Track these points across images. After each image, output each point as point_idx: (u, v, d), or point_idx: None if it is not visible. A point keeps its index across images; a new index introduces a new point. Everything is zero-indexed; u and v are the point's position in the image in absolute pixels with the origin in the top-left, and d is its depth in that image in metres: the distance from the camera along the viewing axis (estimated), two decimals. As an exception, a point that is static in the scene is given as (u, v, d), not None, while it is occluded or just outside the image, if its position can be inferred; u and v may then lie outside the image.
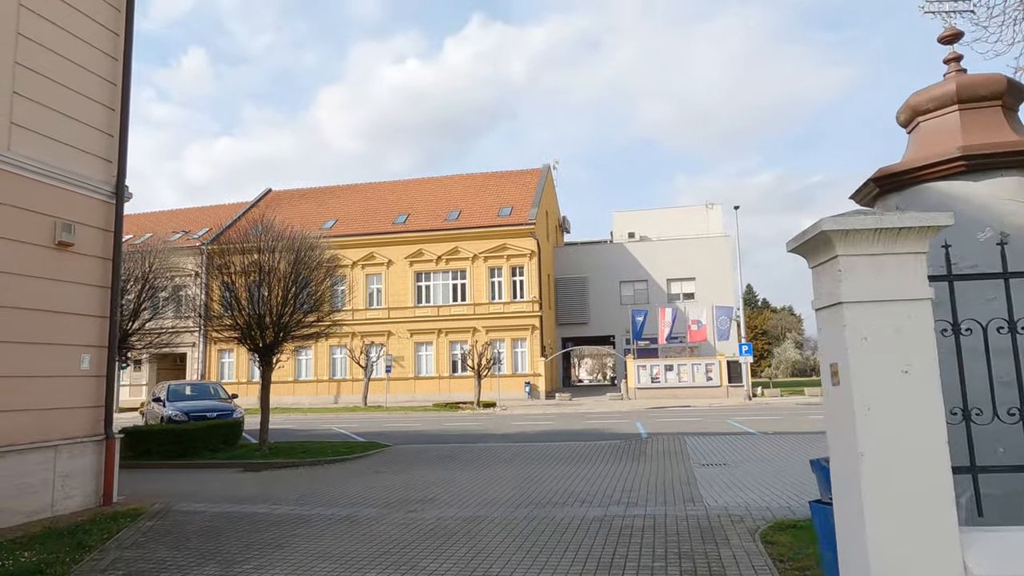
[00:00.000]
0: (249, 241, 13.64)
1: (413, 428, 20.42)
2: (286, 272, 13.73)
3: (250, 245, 13.74)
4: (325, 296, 15.00)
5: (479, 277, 39.08)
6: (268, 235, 13.52)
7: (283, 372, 39.27)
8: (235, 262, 13.67)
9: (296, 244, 13.88)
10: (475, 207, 41.71)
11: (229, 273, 13.57)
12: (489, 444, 14.83)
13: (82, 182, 8.80)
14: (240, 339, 13.94)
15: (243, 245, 13.54)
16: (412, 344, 39.32)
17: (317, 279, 14.11)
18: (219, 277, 13.59)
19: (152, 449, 13.71)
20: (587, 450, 12.99)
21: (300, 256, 13.78)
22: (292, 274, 13.69)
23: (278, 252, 13.60)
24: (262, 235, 13.48)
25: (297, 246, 13.89)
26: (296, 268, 13.74)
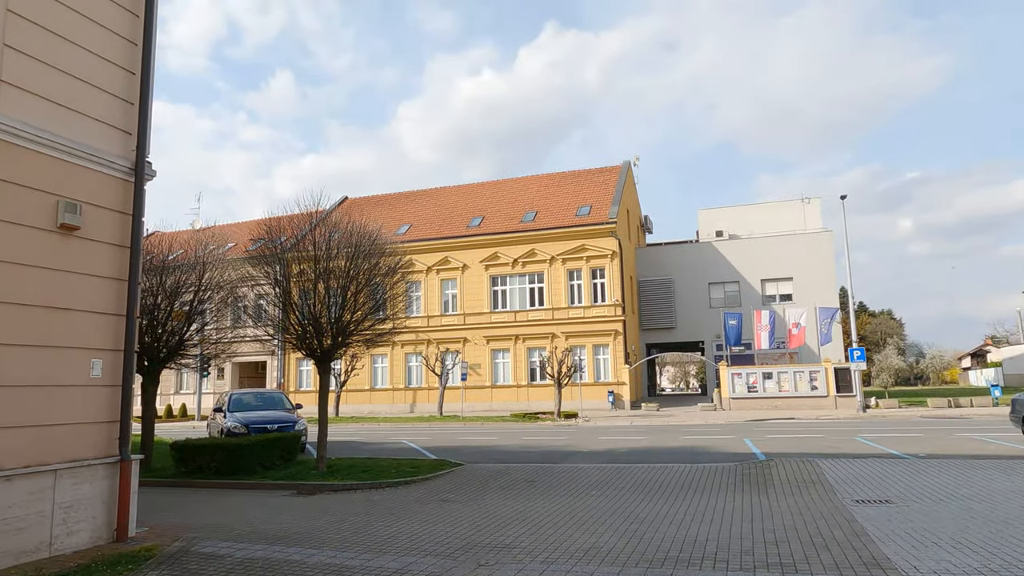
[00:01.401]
0: (304, 240, 12.15)
1: (489, 442, 18.58)
2: (345, 268, 12.16)
3: (307, 256, 12.24)
4: (398, 292, 13.38)
5: (557, 280, 37.08)
6: (324, 227, 12.00)
7: (359, 380, 38.50)
8: (289, 261, 12.23)
9: (355, 238, 12.32)
10: (552, 207, 39.79)
11: (284, 273, 12.12)
12: (576, 464, 12.76)
13: (92, 155, 7.40)
14: (297, 344, 12.48)
15: (297, 238, 12.06)
16: (488, 351, 37.70)
17: (379, 272, 12.45)
18: (272, 278, 12.15)
19: (203, 466, 12.42)
20: (698, 476, 10.71)
21: (360, 250, 12.19)
22: (351, 270, 12.10)
23: (335, 245, 12.06)
24: (316, 227, 11.97)
25: (356, 240, 12.32)
26: (355, 263, 12.16)
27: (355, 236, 12.29)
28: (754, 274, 40.28)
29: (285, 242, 12.02)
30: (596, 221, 36.82)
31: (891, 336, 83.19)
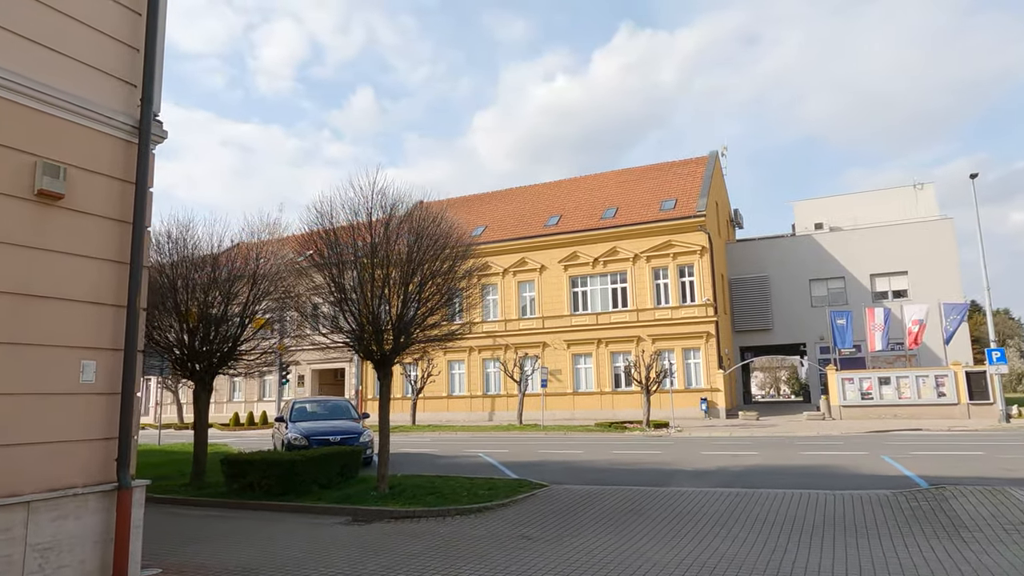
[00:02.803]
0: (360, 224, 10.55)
1: (574, 456, 16.54)
2: (406, 256, 10.49)
3: (362, 243, 10.64)
4: (473, 294, 11.66)
5: (641, 279, 34.62)
6: (381, 204, 10.35)
7: (436, 387, 37.29)
8: (343, 253, 10.66)
9: (417, 222, 10.63)
10: (634, 203, 37.38)
11: (335, 260, 10.57)
12: (684, 488, 10.55)
13: (82, 108, 5.96)
14: (354, 346, 10.90)
15: (354, 223, 10.47)
16: (569, 356, 35.62)
17: (445, 258, 10.71)
18: (328, 273, 10.61)
19: (255, 483, 11.00)
20: (850, 509, 8.35)
21: (423, 233, 10.49)
22: (414, 254, 10.43)
23: (393, 229, 10.41)
24: (373, 204, 10.34)
25: (418, 224, 10.63)
26: (419, 250, 10.47)
27: (417, 219, 10.59)
28: (862, 269, 36.46)
29: (336, 231, 10.44)
30: (683, 215, 34.17)
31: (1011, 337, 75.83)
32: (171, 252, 12.04)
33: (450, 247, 10.85)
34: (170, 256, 12.07)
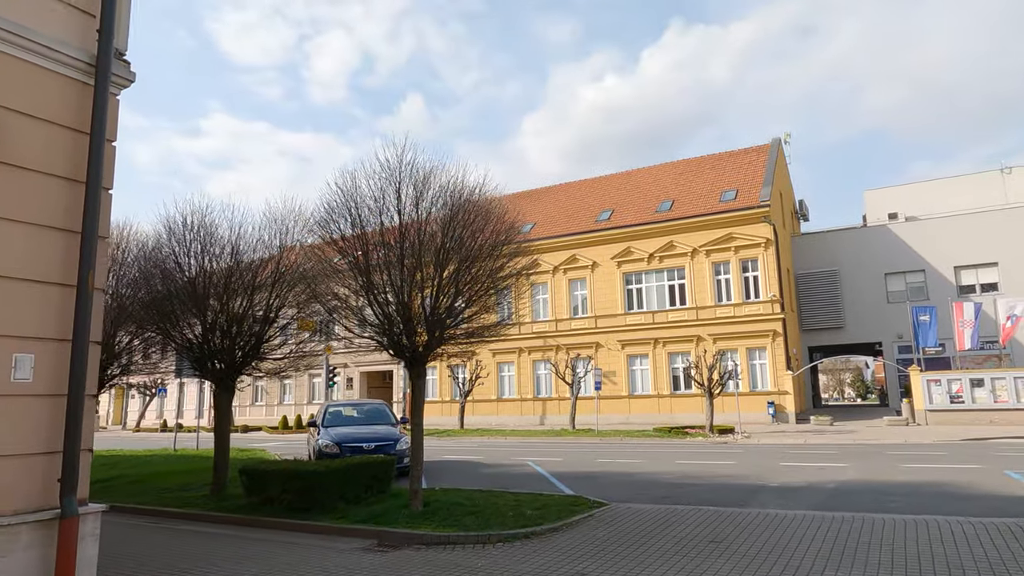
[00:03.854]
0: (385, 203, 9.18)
1: (635, 466, 14.87)
2: (440, 237, 9.10)
3: (387, 223, 9.29)
4: (518, 276, 10.19)
5: (701, 275, 32.53)
6: (411, 177, 8.96)
7: (485, 390, 36.00)
8: (369, 235, 9.33)
9: (452, 197, 9.20)
10: (691, 194, 35.30)
11: (363, 248, 9.24)
12: (772, 511, 8.80)
13: (19, 37, 4.74)
14: (381, 341, 9.56)
15: (380, 200, 9.11)
16: (624, 357, 33.78)
17: (485, 241, 9.27)
18: (352, 258, 9.30)
19: (274, 497, 9.78)
20: (997, 543, 6.50)
21: (459, 209, 9.07)
22: (450, 238, 9.03)
23: (424, 206, 9.01)
24: (402, 178, 8.95)
25: (454, 200, 9.20)
26: (454, 230, 9.06)
27: (452, 193, 9.16)
28: (944, 260, 33.44)
29: (359, 210, 9.11)
30: (745, 206, 31.96)
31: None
32: (188, 240, 10.96)
33: (492, 227, 9.38)
34: (187, 245, 10.99)
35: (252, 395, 49.10)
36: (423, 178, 9.11)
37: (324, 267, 9.65)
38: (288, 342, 12.54)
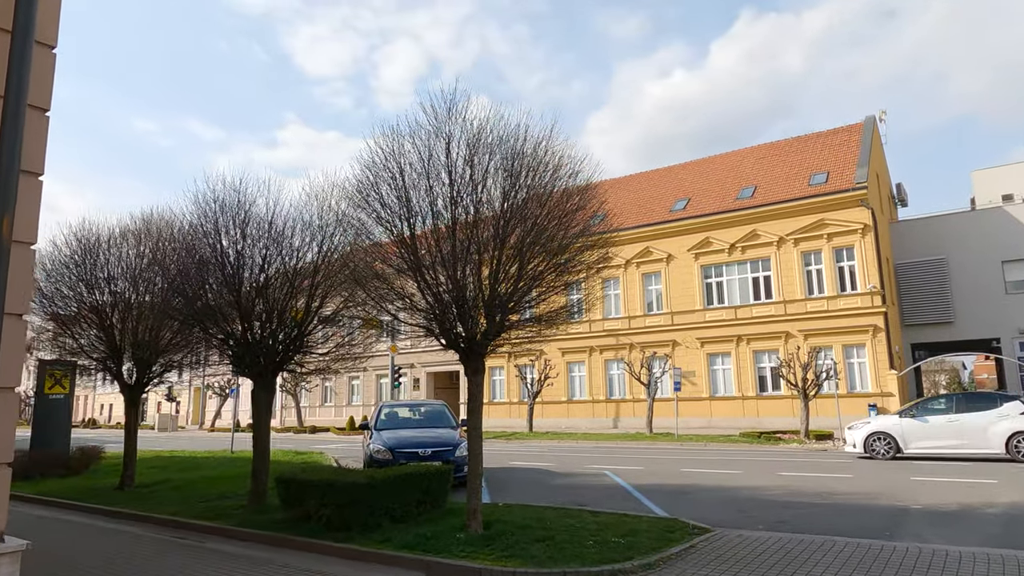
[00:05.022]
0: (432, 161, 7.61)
1: (730, 479, 12.84)
2: (500, 203, 7.49)
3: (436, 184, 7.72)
4: (592, 252, 8.48)
5: (788, 266, 29.78)
6: (463, 131, 7.36)
7: (554, 391, 34.29)
8: (415, 203, 7.78)
9: (512, 152, 7.54)
10: (775, 179, 32.53)
11: (408, 219, 7.71)
12: (933, 546, 6.71)
13: None
14: (432, 330, 8.03)
15: (427, 160, 7.55)
16: (704, 356, 31.36)
17: (552, 205, 7.59)
18: (396, 232, 7.79)
19: (312, 512, 8.39)
20: None
21: (521, 166, 7.43)
22: (510, 203, 7.41)
23: (479, 165, 7.40)
24: (452, 132, 7.36)
25: (515, 156, 7.54)
26: (516, 194, 7.43)
27: (512, 148, 7.50)
28: (1073, 245, 29.48)
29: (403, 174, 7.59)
30: (838, 189, 29.02)
31: None
32: (216, 215, 9.75)
33: (563, 191, 7.70)
34: (218, 222, 9.78)
35: (322, 396, 49.04)
36: (477, 131, 7.50)
37: (362, 241, 8.15)
38: (334, 336, 11.19)
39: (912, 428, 16.14)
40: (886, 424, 16.54)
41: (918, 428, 16.07)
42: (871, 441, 16.51)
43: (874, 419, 17.31)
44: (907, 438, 16.13)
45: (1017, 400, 15.48)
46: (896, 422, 16.49)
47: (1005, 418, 15.03)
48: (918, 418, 16.26)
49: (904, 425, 16.28)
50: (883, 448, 16.23)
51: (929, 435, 15.90)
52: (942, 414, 16.08)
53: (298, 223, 9.94)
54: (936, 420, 15.97)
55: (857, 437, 16.84)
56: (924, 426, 16.02)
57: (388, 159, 7.53)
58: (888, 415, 17.69)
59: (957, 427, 15.56)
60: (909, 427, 16.14)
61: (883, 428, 16.47)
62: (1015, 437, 14.69)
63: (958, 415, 15.78)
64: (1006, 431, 14.83)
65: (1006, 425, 14.88)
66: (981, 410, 15.58)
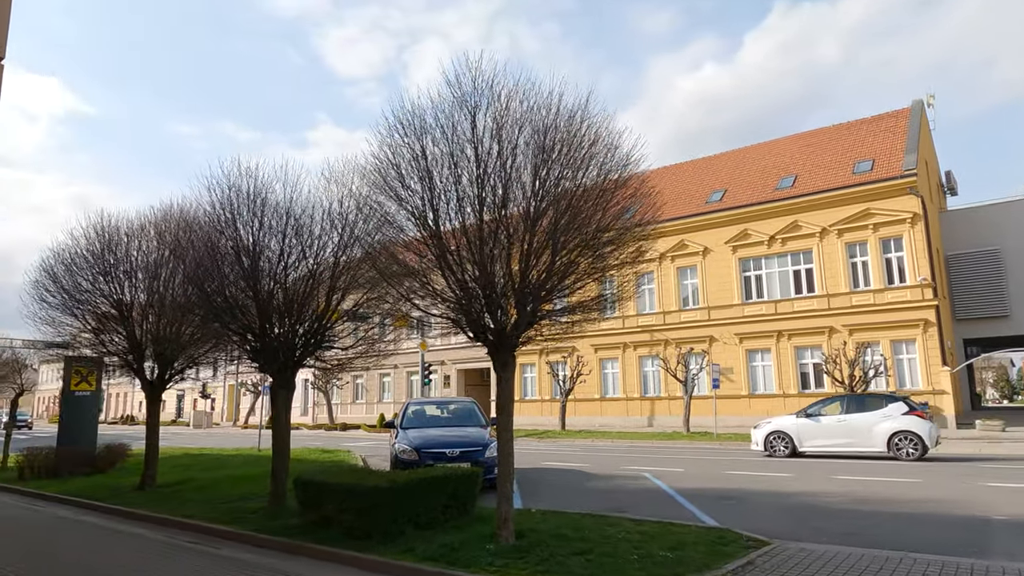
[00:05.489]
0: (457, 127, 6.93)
1: (781, 482, 11.97)
2: (532, 180, 6.80)
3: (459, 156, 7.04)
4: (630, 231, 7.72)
5: (832, 258, 28.50)
6: (490, 100, 6.68)
7: (587, 388, 33.49)
8: (437, 181, 7.11)
9: (544, 124, 6.83)
10: (817, 168, 31.23)
11: (431, 200, 7.05)
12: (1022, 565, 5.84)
13: None
14: (457, 321, 7.38)
15: (451, 134, 6.88)
16: (742, 352, 30.24)
17: (587, 182, 6.87)
18: (417, 214, 7.13)
19: (331, 516, 7.82)
20: None
21: (554, 140, 6.71)
22: (542, 180, 6.71)
23: (507, 138, 6.70)
24: (478, 101, 6.69)
25: (546, 127, 6.83)
26: (548, 167, 6.72)
27: (544, 119, 6.78)
28: None
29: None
30: (885, 176, 27.65)
31: None
32: (230, 202, 9.23)
33: (599, 163, 6.97)
34: (233, 209, 9.27)
35: (353, 393, 48.97)
36: (505, 101, 6.81)
37: (385, 229, 7.52)
38: (355, 331, 10.61)
39: (806, 428, 16.80)
40: (784, 424, 17.25)
41: (812, 427, 16.74)
42: (771, 440, 17.17)
43: (774, 419, 18.00)
44: (802, 437, 16.81)
45: (900, 402, 16.19)
46: (793, 422, 17.16)
47: (888, 418, 15.78)
48: (812, 418, 16.94)
49: (800, 425, 16.96)
50: (781, 446, 16.95)
51: (821, 434, 16.63)
52: (833, 415, 16.82)
53: (317, 209, 9.35)
54: (827, 420, 16.69)
55: (759, 436, 17.50)
56: (817, 426, 16.69)
57: (408, 134, 6.87)
58: (787, 415, 18.38)
59: (846, 427, 16.29)
60: (804, 427, 16.83)
61: (781, 428, 17.17)
62: (896, 436, 15.48)
63: (847, 415, 16.52)
64: (888, 431, 15.60)
65: (888, 425, 15.65)
66: (868, 411, 16.31)
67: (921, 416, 15.67)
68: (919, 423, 15.47)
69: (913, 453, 15.24)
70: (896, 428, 15.53)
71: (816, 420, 16.83)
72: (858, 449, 16.01)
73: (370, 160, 7.26)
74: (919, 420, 15.52)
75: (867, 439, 15.90)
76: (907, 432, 15.39)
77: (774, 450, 17.02)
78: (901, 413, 15.76)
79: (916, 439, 15.26)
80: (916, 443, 15.26)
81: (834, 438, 16.39)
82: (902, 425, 15.48)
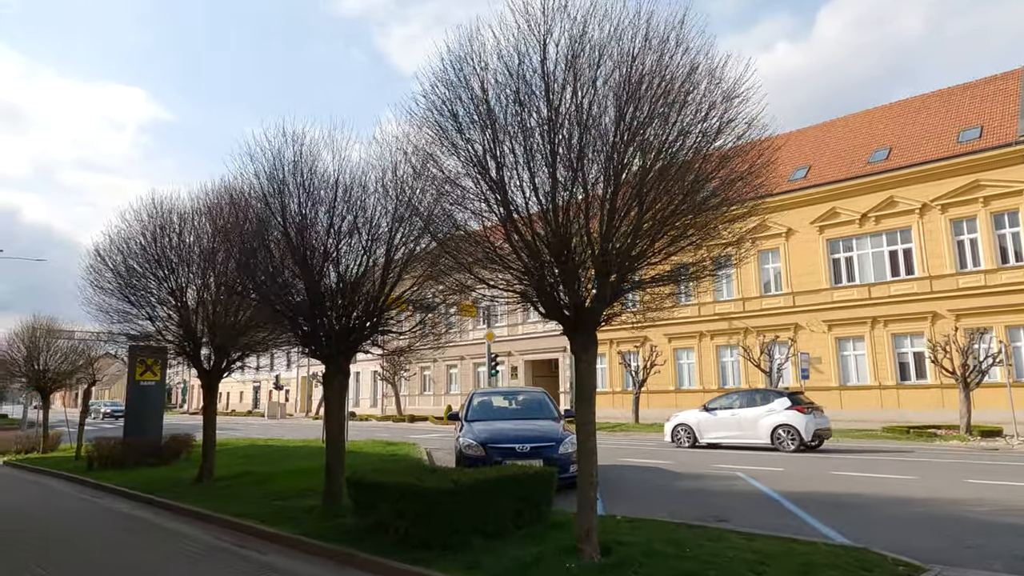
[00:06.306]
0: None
1: (903, 486, 10.32)
2: (614, 122, 5.59)
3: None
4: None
5: (935, 236, 25.90)
6: (563, 30, 5.49)
7: (661, 379, 31.85)
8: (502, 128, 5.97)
9: (629, 53, 5.59)
10: (914, 138, 28.51)
11: (494, 153, 5.93)
12: None
13: None
14: (529, 295, 6.24)
15: (515, 71, 5.75)
16: (831, 340, 27.97)
17: (686, 123, 5.60)
18: (478, 168, 6.02)
19: (386, 521, 6.84)
20: None
21: (643, 72, 5.47)
22: (629, 121, 5.48)
23: (584, 68, 5.50)
24: (548, 31, 5.52)
25: (633, 57, 5.58)
26: (636, 105, 5.49)
27: (629, 47, 5.54)
28: None
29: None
30: (996, 144, 24.85)
31: None
32: (275, 170, 8.37)
33: (700, 100, 5.67)
34: (276, 178, 8.41)
35: (420, 384, 48.78)
36: (582, 25, 5.59)
37: (436, 183, 6.44)
38: (414, 315, 9.63)
39: (706, 421, 18.05)
40: (687, 417, 18.57)
41: (710, 420, 17.96)
42: (676, 431, 18.59)
43: (681, 413, 19.30)
44: (702, 429, 18.04)
45: (785, 397, 17.05)
46: (696, 415, 18.46)
47: (772, 413, 16.76)
48: (710, 412, 18.13)
49: (700, 418, 18.25)
50: (685, 437, 18.25)
51: (718, 427, 17.81)
52: (728, 409, 17.90)
53: (370, 175, 8.38)
54: (723, 414, 17.83)
55: (668, 428, 19.01)
56: (714, 419, 17.91)
57: (464, 66, 5.75)
58: (691, 410, 19.31)
59: (737, 420, 17.45)
60: (704, 420, 18.09)
61: (685, 420, 18.53)
62: (778, 429, 16.49)
63: (739, 410, 17.62)
64: (771, 424, 16.65)
65: (772, 419, 16.69)
66: (757, 405, 17.32)
67: (801, 411, 16.45)
68: (798, 417, 16.33)
69: (791, 445, 16.11)
70: (778, 422, 16.46)
71: (713, 414, 17.97)
72: (747, 440, 17.02)
73: (420, 101, 6.16)
74: (798, 414, 16.36)
75: (754, 431, 16.94)
76: (787, 425, 16.33)
77: (679, 441, 18.32)
78: (784, 408, 16.63)
79: (795, 432, 16.15)
80: (795, 436, 16.16)
81: (728, 430, 17.53)
82: (783, 419, 16.41)
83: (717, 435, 17.69)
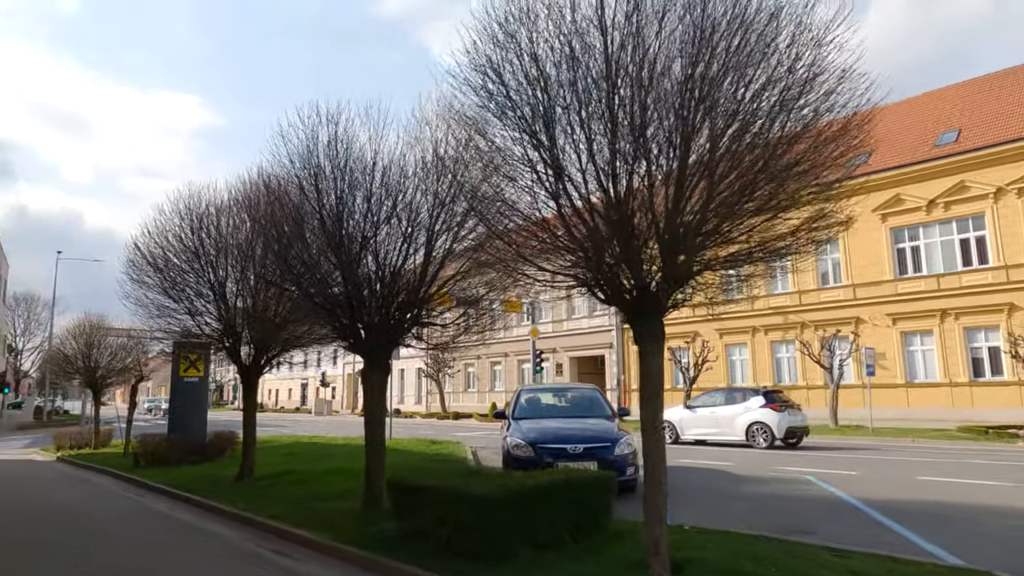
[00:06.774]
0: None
1: (995, 493, 9.28)
2: (683, 80, 4.86)
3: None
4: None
5: (1011, 222, 24.17)
6: None
7: (713, 376, 30.68)
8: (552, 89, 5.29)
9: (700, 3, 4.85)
10: (984, 119, 26.72)
11: (544, 115, 5.27)
12: None
13: None
14: (584, 279, 5.56)
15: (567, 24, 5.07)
16: (897, 335, 26.44)
17: (767, 86, 4.83)
18: (527, 131, 5.38)
19: (427, 528, 6.25)
20: None
21: (713, 19, 4.73)
22: (700, 80, 4.76)
23: (648, 16, 4.79)
24: None
25: (704, 7, 4.84)
26: (709, 61, 4.75)
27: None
28: None
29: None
30: (1080, 122, 23.01)
31: None
32: (309, 153, 7.87)
33: (783, 59, 4.90)
34: (311, 161, 7.91)
35: (464, 381, 48.48)
36: None
37: (473, 139, 5.79)
38: (457, 308, 9.03)
39: (687, 418, 18.64)
40: (671, 414, 18.54)
41: (691, 418, 18.56)
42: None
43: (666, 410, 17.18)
44: (684, 426, 18.61)
45: (760, 396, 17.44)
46: (679, 413, 18.94)
47: (748, 411, 17.26)
48: (692, 410, 18.78)
49: (683, 415, 18.83)
50: (668, 434, 17.79)
51: (698, 424, 18.37)
52: (708, 407, 18.50)
53: (408, 157, 7.81)
54: (703, 412, 18.43)
55: None
56: (695, 416, 18.51)
57: (508, 19, 5.08)
58: (674, 407, 19.33)
59: (715, 418, 17.99)
60: (686, 417, 18.68)
61: (668, 417, 18.22)
62: (752, 426, 17.04)
63: (718, 408, 18.17)
64: (746, 421, 17.19)
65: (747, 416, 17.22)
66: (735, 403, 17.86)
67: (775, 409, 16.80)
68: (771, 415, 16.76)
69: (763, 442, 16.59)
70: (752, 419, 16.98)
71: (694, 412, 18.54)
72: (725, 438, 17.50)
73: (460, 57, 5.52)
74: (771, 412, 16.75)
75: (731, 428, 17.42)
76: (760, 423, 16.84)
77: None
78: (759, 406, 17.06)
79: (767, 429, 16.65)
80: (767, 433, 16.65)
81: (708, 427, 18.03)
82: (757, 417, 16.92)
83: (697, 432, 18.23)
